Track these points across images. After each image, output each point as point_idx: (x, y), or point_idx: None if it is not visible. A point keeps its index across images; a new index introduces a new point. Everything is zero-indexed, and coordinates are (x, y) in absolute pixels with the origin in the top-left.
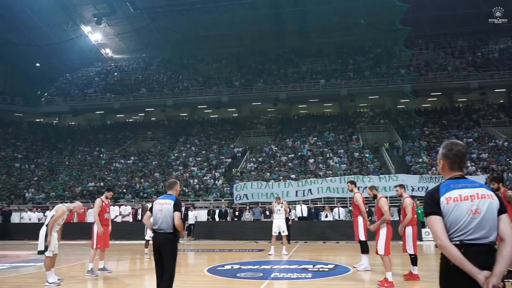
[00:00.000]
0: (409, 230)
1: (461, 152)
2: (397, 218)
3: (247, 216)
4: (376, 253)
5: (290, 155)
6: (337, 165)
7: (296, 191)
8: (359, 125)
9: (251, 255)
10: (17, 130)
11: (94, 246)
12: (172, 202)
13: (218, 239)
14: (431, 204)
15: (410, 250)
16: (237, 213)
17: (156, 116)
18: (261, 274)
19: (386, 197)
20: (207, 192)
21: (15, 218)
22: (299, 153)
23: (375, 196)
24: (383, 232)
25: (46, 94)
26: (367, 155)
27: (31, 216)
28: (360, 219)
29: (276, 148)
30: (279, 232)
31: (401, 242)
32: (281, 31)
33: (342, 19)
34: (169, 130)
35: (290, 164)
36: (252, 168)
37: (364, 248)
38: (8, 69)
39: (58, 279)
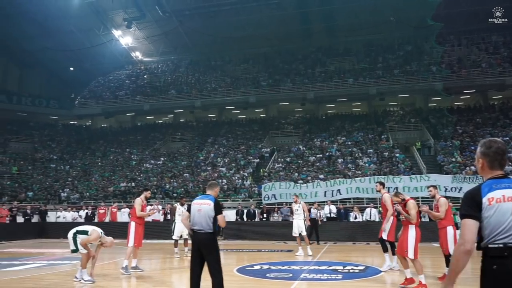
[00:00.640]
0: (450, 231)
1: (501, 149)
2: (427, 220)
3: (276, 216)
4: (405, 256)
5: (318, 155)
6: (367, 165)
7: (325, 192)
8: (388, 124)
9: (280, 256)
10: (52, 132)
11: (131, 244)
12: (212, 203)
13: (246, 239)
14: (470, 205)
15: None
16: (265, 214)
17: (185, 117)
18: (291, 275)
19: (416, 198)
20: (236, 192)
21: (51, 217)
22: (328, 153)
23: (403, 200)
24: (411, 235)
25: (79, 97)
26: (397, 154)
27: (66, 215)
28: (390, 219)
29: (304, 148)
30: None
31: (435, 244)
32: (308, 30)
33: (370, 16)
34: (197, 131)
35: (318, 164)
36: (280, 168)
37: (384, 247)
38: (44, 73)
39: (80, 278)
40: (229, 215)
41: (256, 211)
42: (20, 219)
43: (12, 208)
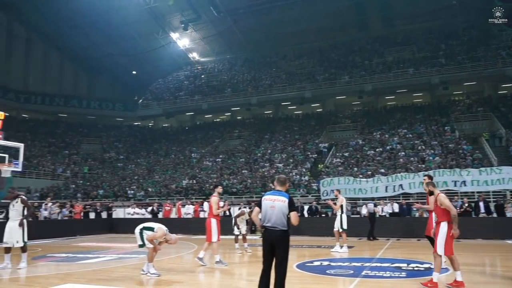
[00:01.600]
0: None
1: None
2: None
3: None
4: (435, 252)
5: (378, 149)
6: (431, 158)
7: (386, 187)
8: (453, 115)
9: (340, 252)
10: (118, 134)
11: (215, 239)
12: (286, 200)
13: (306, 235)
14: None
15: None
16: (323, 209)
17: (242, 115)
18: (352, 272)
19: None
20: (294, 188)
21: (119, 213)
22: (388, 147)
23: (431, 193)
24: (443, 231)
25: (142, 99)
26: (464, 146)
27: (132, 212)
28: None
29: (363, 142)
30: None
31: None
32: (363, 21)
33: (430, 2)
34: (254, 127)
35: (378, 158)
36: (338, 163)
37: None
38: (109, 78)
39: (147, 271)
40: None
41: (318, 207)
42: (92, 215)
43: (85, 205)
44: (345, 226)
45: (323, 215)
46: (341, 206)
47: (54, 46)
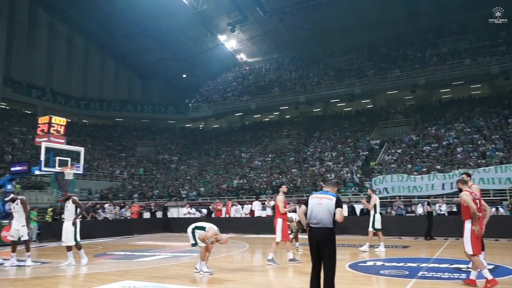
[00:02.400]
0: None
1: None
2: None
3: (392, 211)
4: (465, 252)
5: (433, 145)
6: (492, 153)
7: (443, 184)
8: None
9: (394, 252)
10: (171, 136)
11: (279, 239)
12: (334, 198)
13: (358, 234)
14: None
15: None
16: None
17: (290, 114)
18: (407, 272)
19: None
20: (345, 187)
21: (173, 213)
22: (444, 142)
23: (460, 191)
24: (467, 229)
25: (192, 101)
26: None
27: (187, 212)
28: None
29: (417, 138)
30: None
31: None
32: (414, 12)
33: None
34: (303, 126)
35: (434, 154)
36: (391, 160)
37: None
38: (161, 82)
39: (196, 270)
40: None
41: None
42: (147, 215)
43: (141, 205)
44: (378, 226)
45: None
46: (375, 206)
47: (110, 54)
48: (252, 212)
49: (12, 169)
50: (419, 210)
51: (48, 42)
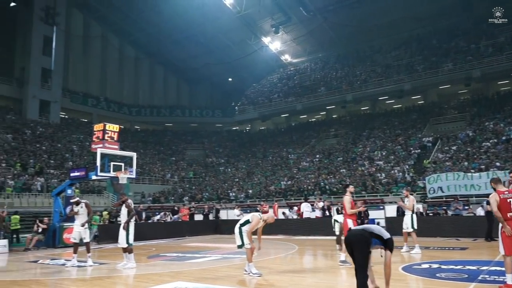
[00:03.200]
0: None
1: None
2: None
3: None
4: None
5: (492, 140)
6: None
7: (504, 182)
8: None
9: (451, 254)
10: (219, 139)
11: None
12: None
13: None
14: None
15: None
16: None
17: (337, 113)
18: (466, 276)
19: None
20: (397, 186)
21: (222, 215)
22: (504, 137)
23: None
24: (500, 230)
25: (238, 104)
26: None
27: (239, 213)
28: None
29: (474, 134)
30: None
31: None
32: (467, 1)
33: None
34: (351, 125)
35: (493, 150)
36: (445, 158)
37: None
38: (208, 87)
39: (249, 271)
40: (390, 210)
41: (422, 206)
42: (198, 217)
43: (191, 207)
44: (415, 226)
45: (430, 214)
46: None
47: (158, 62)
48: (301, 213)
49: (71, 174)
50: (480, 211)
51: (101, 53)
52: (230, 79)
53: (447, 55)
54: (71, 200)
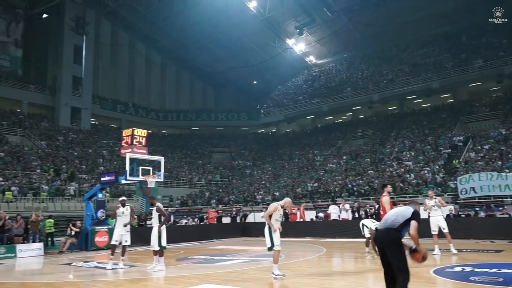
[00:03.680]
0: None
1: None
2: None
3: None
4: None
5: None
6: None
7: None
8: None
9: (485, 257)
10: (244, 142)
11: None
12: (412, 209)
13: (441, 237)
14: None
15: None
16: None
17: (364, 114)
18: (501, 279)
19: None
20: (427, 187)
21: (249, 217)
22: None
23: None
24: None
25: (264, 107)
26: None
27: (262, 216)
28: None
29: (507, 132)
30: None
31: None
32: None
33: None
34: (378, 125)
35: None
36: (477, 157)
37: None
38: (233, 90)
39: (272, 272)
40: (420, 212)
41: (453, 207)
42: (225, 220)
43: (218, 210)
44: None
45: (463, 215)
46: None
47: (184, 67)
48: (328, 215)
49: (102, 179)
50: None
51: (129, 60)
52: (255, 82)
53: (477, 51)
54: (120, 199)
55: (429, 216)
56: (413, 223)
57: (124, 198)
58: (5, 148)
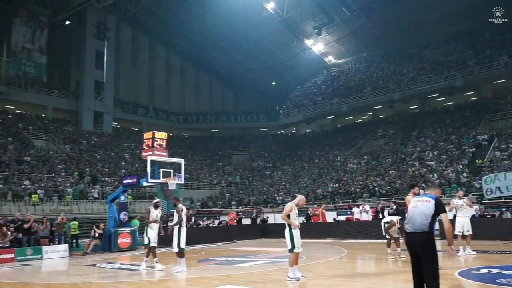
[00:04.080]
0: None
1: None
2: None
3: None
4: None
5: None
6: None
7: None
8: None
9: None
10: (264, 143)
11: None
12: (432, 201)
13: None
14: None
15: None
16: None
17: (384, 113)
18: None
19: None
20: (450, 188)
21: (270, 219)
22: None
23: None
24: None
25: (283, 108)
26: None
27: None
28: None
29: None
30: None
31: None
32: None
33: None
34: (399, 125)
35: None
36: (503, 156)
37: None
38: (251, 91)
39: (302, 275)
40: None
41: (478, 207)
42: (245, 221)
43: (238, 212)
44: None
45: (488, 216)
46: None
47: (203, 69)
48: (350, 218)
49: (124, 181)
50: None
51: (149, 64)
52: (273, 83)
53: (501, 47)
54: (154, 201)
55: (454, 216)
56: (444, 216)
57: (158, 200)
58: (31, 152)
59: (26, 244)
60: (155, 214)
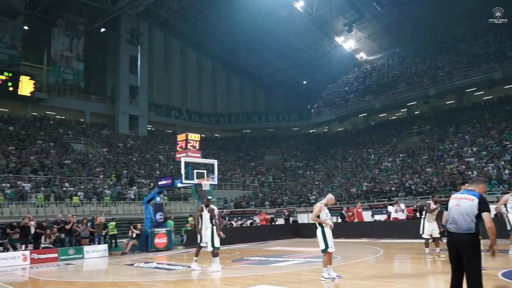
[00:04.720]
0: None
1: None
2: None
3: None
4: None
5: None
6: None
7: None
8: None
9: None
10: (296, 143)
11: None
12: (475, 199)
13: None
14: None
15: None
16: None
17: (419, 109)
18: None
19: None
20: (491, 185)
21: (304, 218)
22: None
23: None
24: None
25: (314, 106)
26: None
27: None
28: None
29: None
30: None
31: None
32: None
33: None
34: (435, 121)
35: None
36: None
37: None
38: (282, 91)
39: (337, 276)
40: None
41: None
42: (279, 221)
43: (268, 213)
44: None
45: None
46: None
47: (234, 70)
48: (388, 216)
49: (159, 183)
50: None
51: (181, 67)
52: (304, 82)
53: None
54: (205, 199)
55: (506, 211)
56: (486, 216)
57: (209, 197)
58: (71, 156)
59: (69, 244)
60: (206, 212)
